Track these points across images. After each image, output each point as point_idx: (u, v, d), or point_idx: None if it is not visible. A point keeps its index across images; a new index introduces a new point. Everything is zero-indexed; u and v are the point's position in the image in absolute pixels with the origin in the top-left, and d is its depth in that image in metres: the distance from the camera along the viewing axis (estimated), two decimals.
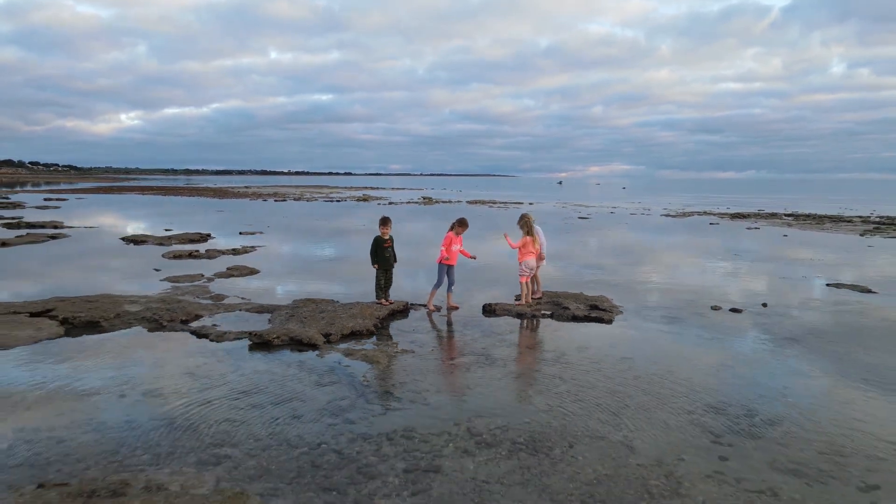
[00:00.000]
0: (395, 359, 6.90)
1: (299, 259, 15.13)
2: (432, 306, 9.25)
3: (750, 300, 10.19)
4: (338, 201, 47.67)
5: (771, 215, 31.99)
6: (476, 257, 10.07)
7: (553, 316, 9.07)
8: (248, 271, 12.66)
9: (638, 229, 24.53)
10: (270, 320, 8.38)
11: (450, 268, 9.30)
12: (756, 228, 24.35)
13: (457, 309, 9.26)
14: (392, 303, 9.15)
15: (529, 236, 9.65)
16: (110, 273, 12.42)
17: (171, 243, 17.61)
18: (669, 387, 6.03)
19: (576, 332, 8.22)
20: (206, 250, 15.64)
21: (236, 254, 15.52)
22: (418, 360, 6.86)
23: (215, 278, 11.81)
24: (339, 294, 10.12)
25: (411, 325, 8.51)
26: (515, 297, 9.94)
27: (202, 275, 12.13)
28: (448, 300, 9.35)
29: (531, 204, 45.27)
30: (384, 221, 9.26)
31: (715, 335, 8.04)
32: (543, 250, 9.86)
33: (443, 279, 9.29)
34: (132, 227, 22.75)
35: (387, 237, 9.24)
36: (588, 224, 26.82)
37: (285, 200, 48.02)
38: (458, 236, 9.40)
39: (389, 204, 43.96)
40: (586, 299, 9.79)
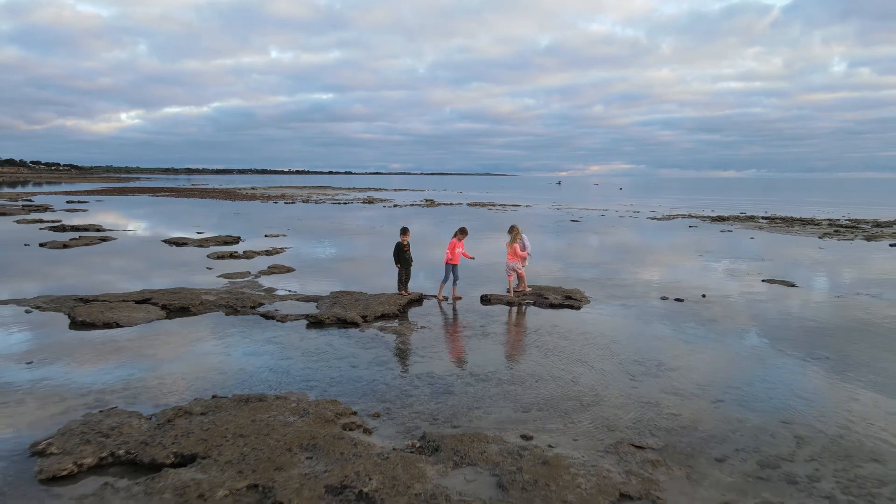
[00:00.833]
0: (416, 332, 9.45)
1: (325, 258, 17.65)
2: (441, 296, 11.79)
3: (695, 292, 12.72)
4: (344, 203, 50.18)
5: (749, 218, 34.51)
6: (474, 258, 12.60)
7: (535, 304, 11.61)
8: (285, 269, 15.20)
9: (621, 232, 27.05)
10: (318, 306, 10.92)
11: (454, 266, 11.83)
12: (729, 231, 26.87)
13: (460, 299, 11.79)
14: (410, 294, 11.71)
15: (515, 243, 12.17)
16: (171, 270, 14.95)
17: (209, 245, 20.14)
18: (611, 349, 8.57)
19: (552, 316, 10.75)
20: (244, 251, 18.16)
21: (269, 255, 18.05)
22: (433, 334, 9.41)
23: (260, 275, 14.34)
24: (366, 287, 12.64)
25: (426, 310, 11.06)
26: (507, 290, 12.47)
27: (249, 272, 14.67)
28: (453, 292, 11.88)
29: (528, 206, 47.78)
30: (404, 231, 11.82)
31: (654, 318, 10.58)
32: (528, 251, 12.35)
33: (449, 275, 11.81)
34: (165, 230, 25.25)
35: (406, 243, 11.79)
36: (578, 227, 29.35)
37: (294, 203, 50.53)
38: (460, 241, 11.93)
39: (394, 206, 46.46)
40: (563, 292, 12.32)
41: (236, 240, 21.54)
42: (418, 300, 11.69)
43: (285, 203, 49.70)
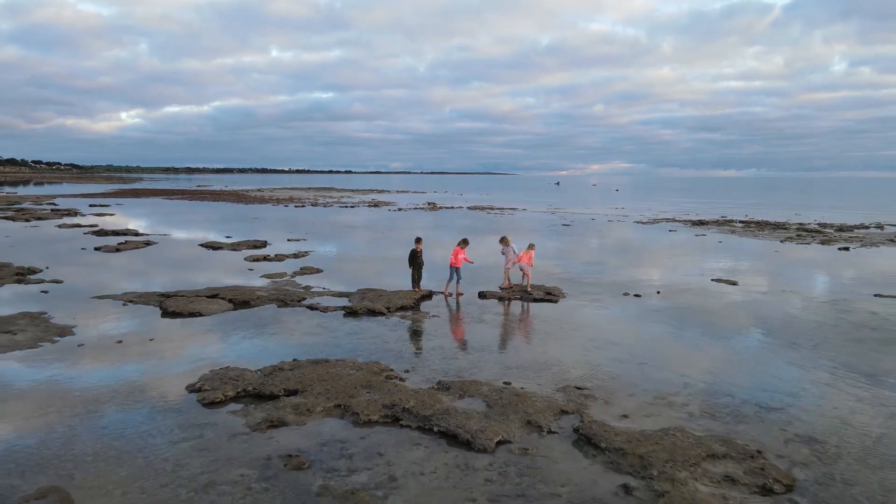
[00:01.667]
0: (428, 319, 12.38)
1: (346, 260, 20.55)
2: (447, 293, 14.70)
3: (653, 289, 15.64)
4: (351, 207, 53.10)
5: (727, 222, 37.43)
6: (473, 262, 15.50)
7: (521, 299, 14.53)
8: (315, 270, 18.12)
9: (606, 236, 29.98)
10: (350, 300, 13.83)
11: (457, 269, 14.71)
12: (704, 235, 29.78)
13: (462, 295, 14.69)
14: (422, 290, 14.63)
15: (508, 247, 15.10)
16: (220, 271, 17.85)
17: (241, 249, 23.05)
18: (575, 331, 11.50)
19: (534, 308, 13.68)
20: (275, 255, 21.07)
21: (297, 257, 20.95)
22: (441, 320, 12.35)
23: (295, 276, 17.25)
24: (384, 284, 15.53)
25: (435, 303, 13.99)
26: (499, 287, 15.38)
27: (285, 273, 17.59)
28: (457, 289, 14.77)
29: (525, 210, 50.69)
30: (418, 240, 14.76)
31: (614, 309, 13.51)
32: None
33: (453, 276, 14.70)
34: (196, 234, 28.15)
35: (419, 250, 14.70)
36: (568, 231, 32.28)
37: (304, 206, 53.44)
38: (462, 249, 14.82)
39: (398, 210, 49.38)
40: (545, 289, 15.23)
41: (264, 244, 24.43)
42: (428, 295, 14.61)
43: (295, 206, 52.62)
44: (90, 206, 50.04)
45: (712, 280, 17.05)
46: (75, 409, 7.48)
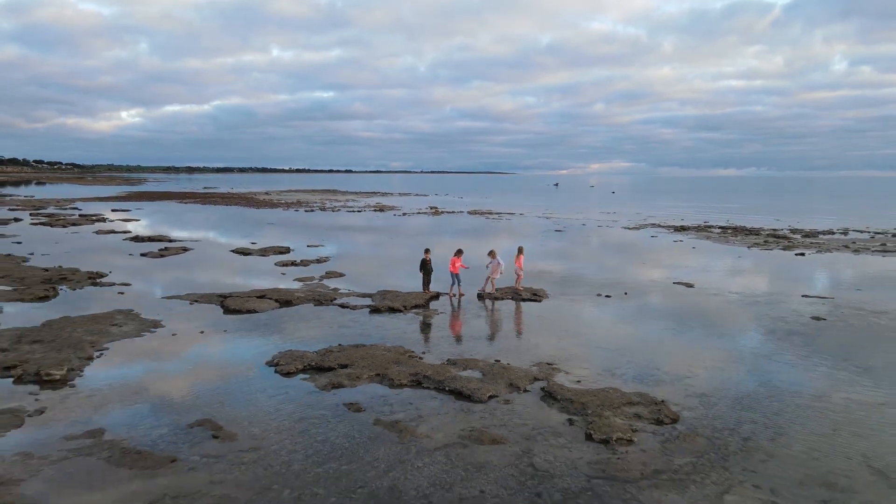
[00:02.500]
0: (437, 315, 15.56)
1: (363, 264, 23.68)
2: (451, 294, 17.87)
3: (622, 290, 18.79)
4: (358, 211, 56.28)
5: (706, 227, 40.61)
6: (469, 267, 18.64)
7: (512, 299, 17.71)
8: (338, 274, 21.29)
9: (592, 241, 33.17)
10: (373, 300, 17.01)
11: (456, 275, 17.85)
12: (680, 241, 32.96)
13: (463, 296, 17.84)
14: (431, 292, 17.82)
15: (496, 261, 18.23)
16: (257, 275, 21.01)
17: (268, 254, 26.21)
18: (552, 324, 14.68)
19: (522, 306, 16.86)
20: (301, 260, 24.23)
21: (319, 262, 24.10)
22: (447, 316, 15.54)
23: (323, 279, 20.42)
24: (400, 286, 18.70)
25: (441, 302, 17.18)
26: (479, 291, 18.54)
27: (314, 277, 20.76)
28: (459, 291, 17.92)
29: (522, 214, 53.86)
30: (427, 251, 17.95)
31: (587, 307, 16.69)
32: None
33: (453, 280, 17.84)
34: (224, 239, 31.30)
35: (428, 259, 17.89)
36: (559, 236, 35.46)
37: (313, 210, 56.63)
38: (458, 258, 17.96)
39: (403, 214, 52.56)
40: (532, 290, 18.40)
41: (287, 250, 27.58)
42: (436, 296, 17.80)
43: (305, 211, 55.80)
44: (112, 210, 53.23)
45: (674, 283, 20.23)
46: (198, 376, 10.68)
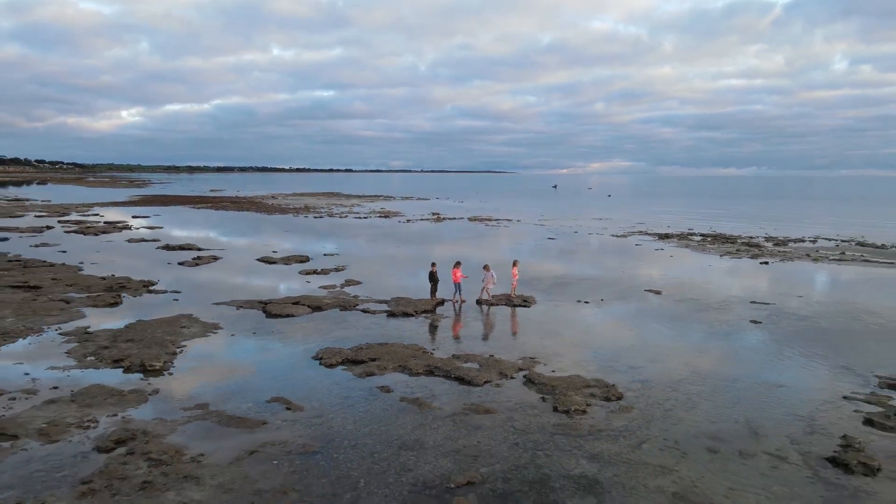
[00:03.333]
0: (443, 319, 18.89)
1: (376, 272, 26.93)
2: (454, 300, 21.18)
3: (599, 297, 22.08)
4: (364, 218, 59.59)
5: (689, 235, 43.92)
6: (468, 277, 21.93)
7: (505, 304, 21.01)
8: (356, 282, 24.58)
9: (580, 250, 36.49)
10: (389, 306, 20.30)
11: (457, 284, 21.13)
12: (661, 249, 36.26)
13: (464, 302, 21.14)
14: (438, 299, 21.13)
15: (490, 274, 21.52)
16: (285, 282, 24.29)
17: (291, 263, 29.49)
18: (538, 325, 18.00)
19: (512, 311, 20.16)
20: (321, 269, 27.52)
21: (338, 271, 27.37)
22: (451, 319, 18.89)
23: (343, 287, 23.71)
24: (410, 293, 21.96)
25: (446, 308, 20.49)
26: (476, 301, 21.84)
27: (335, 285, 24.05)
28: (460, 298, 21.20)
29: (518, 221, 57.15)
30: (433, 264, 21.27)
31: (568, 311, 19.99)
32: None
33: (455, 289, 21.14)
34: (247, 247, 34.57)
35: (434, 271, 21.20)
36: (552, 245, 38.77)
37: (322, 217, 59.92)
38: (457, 269, 21.24)
39: (407, 221, 55.84)
40: (523, 297, 21.70)
41: (307, 258, 30.85)
42: (441, 303, 21.09)
43: (314, 217, 59.11)
44: (133, 217, 56.49)
45: (645, 290, 23.54)
46: (262, 366, 14.00)
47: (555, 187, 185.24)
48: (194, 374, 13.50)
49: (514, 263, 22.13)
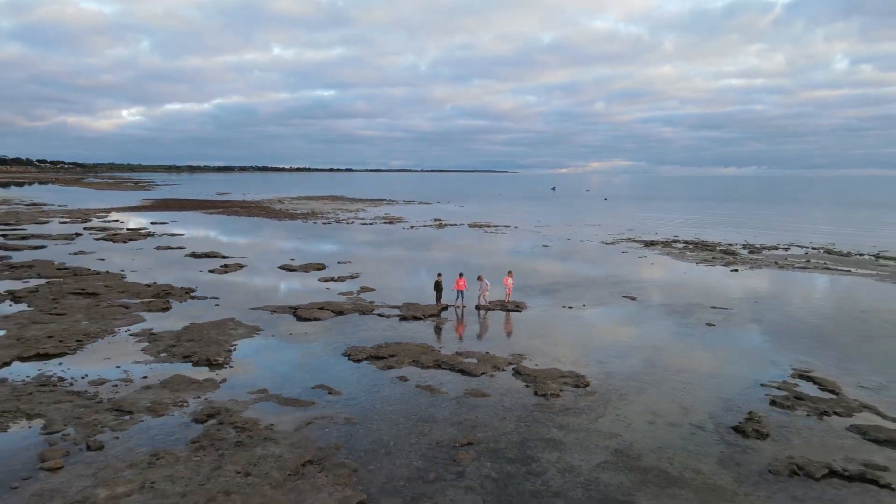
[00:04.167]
0: (447, 322, 22.35)
1: (387, 280, 30.32)
2: (456, 306, 24.62)
3: (580, 303, 25.50)
4: (370, 223, 63.02)
5: (673, 242, 47.35)
6: (468, 288, 25.36)
7: (500, 309, 24.45)
8: (370, 289, 28.00)
9: (571, 258, 39.94)
10: (400, 310, 23.75)
11: (460, 292, 24.56)
12: (644, 257, 39.69)
13: (465, 307, 24.58)
14: (442, 304, 24.57)
15: (484, 283, 24.97)
16: (307, 289, 27.71)
17: (309, 271, 32.91)
18: (526, 327, 21.45)
19: (506, 315, 23.61)
20: (338, 276, 30.95)
21: (353, 278, 30.78)
22: (454, 322, 22.35)
23: (359, 293, 27.13)
24: (418, 299, 25.39)
25: (450, 312, 23.95)
26: (475, 306, 25.27)
27: (353, 291, 27.48)
28: (461, 304, 24.64)
29: (515, 228, 60.59)
30: (439, 275, 24.72)
31: (552, 314, 23.43)
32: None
33: (458, 296, 24.56)
34: (265, 254, 37.96)
35: (439, 280, 24.65)
36: (544, 252, 42.20)
37: (329, 223, 63.29)
38: (461, 279, 24.68)
39: (411, 227, 59.26)
40: (515, 303, 25.14)
41: (323, 266, 34.26)
42: (445, 308, 24.54)
43: (323, 224, 62.51)
44: (152, 223, 59.88)
45: (622, 296, 26.98)
46: (302, 361, 17.44)
47: (553, 189, 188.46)
48: (250, 366, 16.95)
49: (508, 274, 25.57)
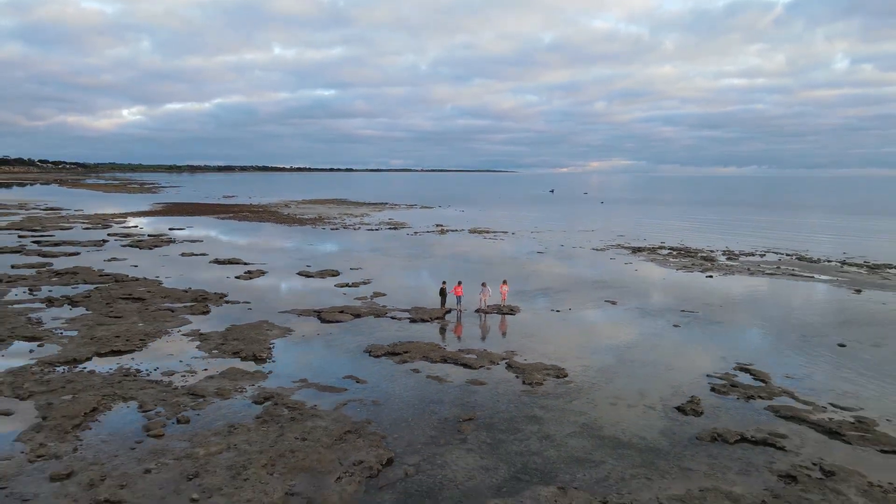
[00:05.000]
0: (450, 323, 25.96)
1: (396, 285, 33.85)
2: (457, 309, 28.21)
3: (567, 307, 29.07)
4: (376, 229, 66.59)
5: (658, 249, 50.93)
6: (463, 293, 28.94)
7: (497, 313, 28.04)
8: (382, 294, 31.57)
9: (563, 264, 43.54)
10: (410, 313, 27.34)
11: (460, 297, 28.14)
12: (630, 263, 43.28)
13: (465, 311, 28.16)
14: (446, 308, 28.16)
15: (486, 289, 28.57)
16: (325, 294, 31.27)
17: (325, 277, 36.49)
18: (518, 328, 25.06)
19: (501, 318, 27.21)
20: (352, 282, 34.51)
21: (366, 283, 34.31)
22: (456, 324, 25.95)
23: (373, 298, 30.70)
24: (425, 303, 28.95)
25: (452, 315, 27.55)
26: (476, 310, 28.85)
27: (366, 296, 31.05)
28: (461, 307, 28.21)
29: (513, 234, 64.18)
30: (444, 282, 28.33)
31: (542, 317, 27.03)
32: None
33: (459, 301, 28.15)
34: (282, 261, 41.51)
35: (444, 287, 28.24)
36: (538, 258, 45.77)
37: (337, 229, 66.86)
38: (460, 286, 28.24)
39: (415, 234, 62.81)
40: (510, 307, 28.73)
41: (337, 272, 37.81)
42: (449, 311, 28.12)
43: (332, 229, 66.05)
44: (170, 228, 63.44)
45: (605, 300, 30.56)
46: (332, 356, 21.04)
47: (552, 192, 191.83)
48: (289, 361, 20.55)
49: (503, 282, 29.16)
